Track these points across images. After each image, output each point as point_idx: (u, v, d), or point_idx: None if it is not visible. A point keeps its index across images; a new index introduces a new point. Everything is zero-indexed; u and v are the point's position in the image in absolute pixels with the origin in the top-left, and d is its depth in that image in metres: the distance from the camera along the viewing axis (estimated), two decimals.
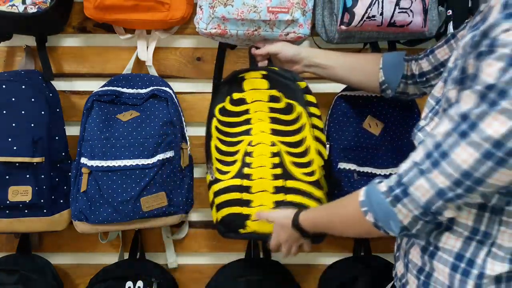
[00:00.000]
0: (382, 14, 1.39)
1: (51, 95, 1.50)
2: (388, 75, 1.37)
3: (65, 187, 1.51)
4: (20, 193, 1.42)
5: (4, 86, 1.41)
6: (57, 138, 1.49)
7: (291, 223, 1.21)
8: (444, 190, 0.89)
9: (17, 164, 1.40)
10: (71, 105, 1.61)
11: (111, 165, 1.42)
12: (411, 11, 1.41)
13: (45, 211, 1.47)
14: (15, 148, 1.40)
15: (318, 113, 1.41)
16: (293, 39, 1.43)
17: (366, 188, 1.01)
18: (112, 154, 1.43)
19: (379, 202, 0.97)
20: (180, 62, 1.62)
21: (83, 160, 1.45)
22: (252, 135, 1.40)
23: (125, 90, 1.50)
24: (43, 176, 1.44)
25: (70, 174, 1.49)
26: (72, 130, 1.55)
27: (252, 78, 1.41)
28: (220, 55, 1.56)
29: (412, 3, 1.40)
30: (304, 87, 1.39)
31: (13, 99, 1.40)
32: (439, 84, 1.03)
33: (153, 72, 1.57)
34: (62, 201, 1.50)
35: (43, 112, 1.43)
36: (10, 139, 1.40)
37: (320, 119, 1.41)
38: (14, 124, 1.40)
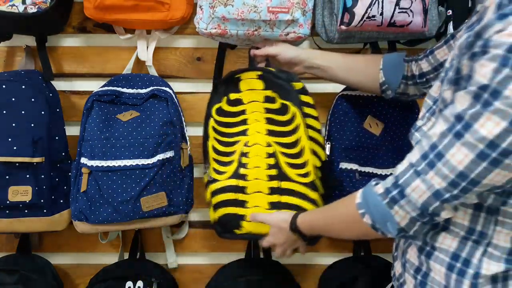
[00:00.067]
0: (382, 14, 1.39)
1: (51, 95, 1.50)
2: (388, 76, 1.37)
3: (65, 187, 1.51)
4: (20, 193, 1.42)
5: (4, 86, 1.41)
6: (57, 138, 1.49)
7: (289, 226, 1.22)
8: (440, 191, 0.89)
9: (17, 164, 1.40)
10: (71, 105, 1.61)
11: (111, 165, 1.42)
12: (411, 11, 1.41)
13: (45, 211, 1.47)
14: (15, 148, 1.40)
15: (315, 113, 1.41)
16: (293, 39, 1.43)
17: (363, 190, 1.01)
18: (112, 154, 1.43)
19: (376, 204, 0.97)
20: (180, 62, 1.62)
21: (83, 160, 1.45)
22: (248, 135, 1.40)
23: (125, 90, 1.50)
24: (43, 176, 1.44)
25: (70, 174, 1.49)
26: (72, 130, 1.55)
27: (248, 78, 1.41)
28: (220, 55, 1.56)
29: (412, 3, 1.40)
30: (301, 87, 1.39)
31: (13, 99, 1.40)
32: (437, 84, 1.04)
33: (153, 72, 1.57)
34: (62, 201, 1.50)
35: (43, 112, 1.43)
36: (10, 139, 1.39)
37: (317, 120, 1.41)
38: (14, 124, 1.40)
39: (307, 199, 1.36)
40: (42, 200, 1.45)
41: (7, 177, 1.41)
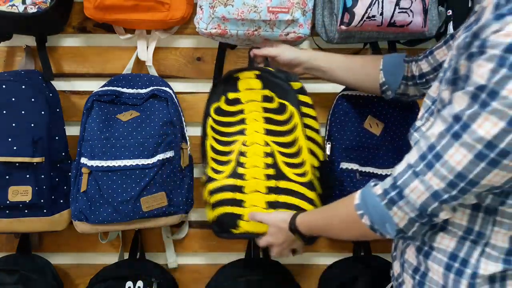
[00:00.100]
0: (382, 14, 1.39)
1: (51, 95, 1.50)
2: (389, 76, 1.37)
3: (65, 187, 1.51)
4: (20, 193, 1.42)
5: (4, 86, 1.41)
6: (57, 138, 1.49)
7: (288, 226, 1.22)
8: (439, 192, 0.89)
9: (17, 164, 1.40)
10: (71, 105, 1.61)
11: (111, 165, 1.42)
12: (411, 11, 1.41)
13: (45, 211, 1.47)
14: (15, 148, 1.40)
15: (313, 113, 1.41)
16: (293, 39, 1.43)
17: (362, 191, 1.01)
18: (112, 154, 1.42)
19: (374, 205, 0.97)
20: (180, 62, 1.62)
21: (83, 160, 1.45)
22: (246, 135, 1.40)
23: (125, 90, 1.50)
24: (43, 176, 1.44)
25: (70, 174, 1.49)
26: (72, 130, 1.55)
27: (246, 78, 1.41)
28: (220, 55, 1.56)
29: (412, 3, 1.40)
30: (299, 87, 1.39)
31: (13, 99, 1.40)
32: (435, 84, 1.04)
33: (153, 72, 1.57)
34: (62, 201, 1.50)
35: (43, 112, 1.43)
36: (10, 139, 1.39)
37: (315, 120, 1.41)
38: (14, 124, 1.40)
39: (304, 198, 1.36)
40: (42, 200, 1.45)
41: (7, 177, 1.41)
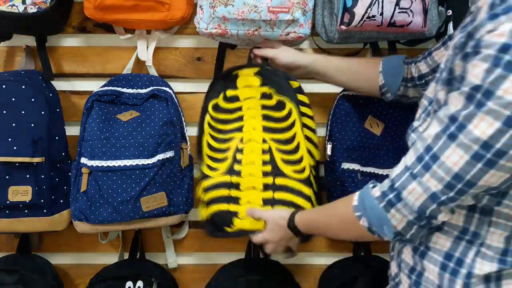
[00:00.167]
0: (382, 14, 1.39)
1: (51, 95, 1.50)
2: (388, 78, 1.37)
3: (65, 187, 1.51)
4: (20, 193, 1.42)
5: (4, 86, 1.41)
6: (57, 138, 1.49)
7: (287, 223, 1.22)
8: (436, 194, 0.89)
9: (17, 164, 1.40)
10: (71, 105, 1.61)
11: (111, 165, 1.42)
12: (411, 11, 1.41)
13: (45, 211, 1.47)
14: (15, 148, 1.40)
15: (311, 113, 1.41)
16: (293, 38, 1.43)
17: (360, 193, 1.01)
18: (112, 154, 1.42)
19: (372, 208, 0.97)
20: (180, 62, 1.62)
21: (83, 160, 1.45)
22: (243, 132, 1.40)
23: (125, 90, 1.50)
24: (43, 176, 1.44)
25: (70, 174, 1.49)
26: (72, 130, 1.55)
27: (245, 75, 1.41)
28: (220, 55, 1.56)
29: (412, 3, 1.40)
30: (297, 86, 1.40)
31: (13, 99, 1.40)
32: (432, 84, 1.04)
33: (153, 72, 1.57)
34: (62, 201, 1.50)
35: (43, 112, 1.43)
36: (10, 139, 1.39)
37: (312, 120, 1.41)
38: (14, 124, 1.40)
39: (301, 195, 1.35)
40: (42, 200, 1.45)
41: (7, 177, 1.41)
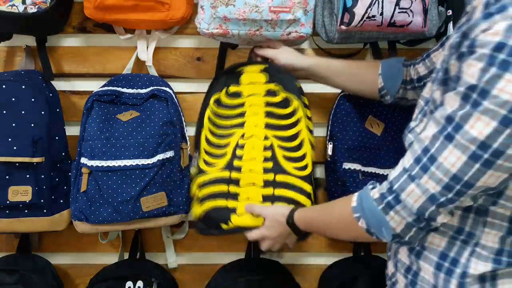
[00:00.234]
0: (382, 14, 1.39)
1: (51, 95, 1.50)
2: (387, 81, 1.37)
3: (65, 187, 1.50)
4: (20, 193, 1.42)
5: (4, 86, 1.41)
6: (57, 138, 1.49)
7: (286, 220, 1.21)
8: (435, 195, 0.89)
9: (17, 164, 1.40)
10: (71, 105, 1.61)
11: (111, 165, 1.42)
12: (411, 11, 1.41)
13: (45, 211, 1.46)
14: (15, 148, 1.39)
15: (309, 114, 1.41)
16: (295, 38, 1.43)
17: (359, 193, 1.01)
18: (112, 154, 1.42)
19: (371, 209, 0.97)
20: (180, 62, 1.62)
21: (83, 160, 1.45)
22: (245, 128, 1.39)
23: (125, 90, 1.50)
24: (43, 176, 1.44)
25: (70, 174, 1.49)
26: (72, 130, 1.55)
27: (251, 72, 1.41)
28: (221, 55, 1.56)
29: (412, 3, 1.40)
30: (298, 87, 1.40)
31: (13, 99, 1.40)
32: (428, 85, 1.04)
33: (153, 72, 1.57)
34: (62, 201, 1.50)
35: (43, 112, 1.43)
36: (10, 139, 1.39)
37: (310, 121, 1.41)
38: (14, 124, 1.40)
39: (301, 192, 1.34)
40: (42, 200, 1.45)
41: (7, 177, 1.41)
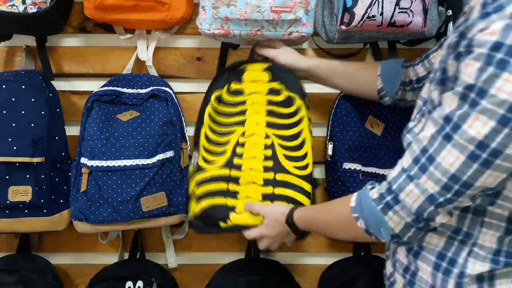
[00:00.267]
0: (382, 14, 1.39)
1: (51, 95, 1.50)
2: (386, 82, 1.37)
3: (65, 187, 1.50)
4: (20, 193, 1.42)
5: (4, 86, 1.41)
6: (57, 138, 1.49)
7: (285, 219, 1.22)
8: (434, 196, 0.89)
9: (17, 164, 1.40)
10: (71, 105, 1.61)
11: (111, 165, 1.42)
12: (411, 11, 1.41)
13: (45, 211, 1.47)
14: (15, 148, 1.39)
15: (309, 115, 1.41)
16: (296, 38, 1.43)
17: (358, 194, 1.01)
18: (112, 154, 1.42)
19: (370, 210, 0.97)
20: (180, 62, 1.62)
21: (83, 160, 1.45)
22: (245, 126, 1.39)
23: (125, 90, 1.50)
24: (43, 176, 1.44)
25: (70, 174, 1.49)
26: (72, 130, 1.55)
27: (254, 70, 1.41)
28: (222, 55, 1.55)
29: (412, 3, 1.40)
30: (301, 87, 1.40)
31: (13, 99, 1.40)
32: (426, 85, 1.04)
33: (153, 72, 1.57)
34: (62, 201, 1.50)
35: (43, 112, 1.43)
36: (10, 139, 1.39)
37: (310, 122, 1.41)
38: (14, 124, 1.40)
39: (301, 191, 1.34)
40: (42, 200, 1.45)
41: (7, 177, 1.41)
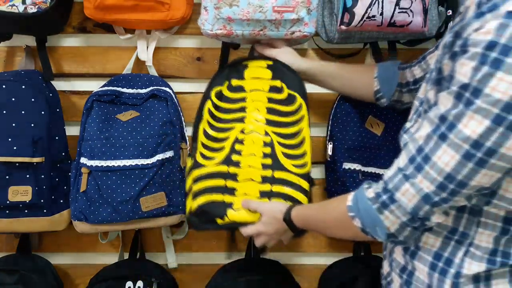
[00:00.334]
0: (382, 14, 1.39)
1: (51, 95, 1.50)
2: (383, 83, 1.37)
3: (65, 187, 1.51)
4: (20, 193, 1.42)
5: (4, 86, 1.41)
6: (57, 138, 1.49)
7: (283, 217, 1.22)
8: (429, 195, 0.89)
9: (17, 164, 1.40)
10: (71, 105, 1.61)
11: (110, 165, 1.42)
12: (411, 11, 1.41)
13: (45, 211, 1.47)
14: (15, 148, 1.40)
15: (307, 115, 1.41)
16: (298, 37, 1.43)
17: (355, 193, 1.02)
18: (112, 154, 1.42)
19: (366, 209, 0.97)
20: (180, 62, 1.62)
21: (83, 160, 1.45)
22: (245, 123, 1.39)
23: (125, 90, 1.50)
24: (43, 176, 1.44)
25: (70, 174, 1.49)
26: (72, 130, 1.55)
27: (256, 66, 1.41)
28: (224, 54, 1.55)
29: (412, 3, 1.40)
30: (302, 86, 1.40)
31: (13, 99, 1.40)
32: (423, 85, 1.04)
33: (153, 72, 1.57)
34: (62, 201, 1.50)
35: (43, 112, 1.43)
36: (10, 139, 1.39)
37: (308, 121, 1.41)
38: (14, 124, 1.40)
39: (299, 189, 1.34)
40: (42, 200, 1.45)
41: (7, 177, 1.41)
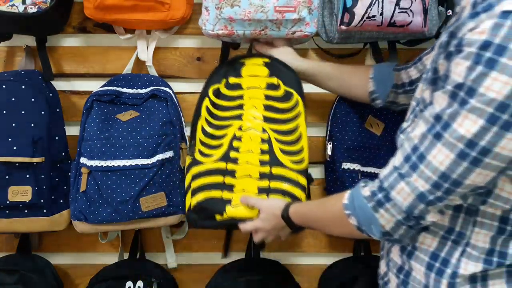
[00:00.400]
0: (382, 14, 1.39)
1: (51, 95, 1.50)
2: (378, 85, 1.38)
3: (65, 187, 1.51)
4: (20, 193, 1.42)
5: (4, 86, 1.41)
6: (57, 138, 1.49)
7: (281, 213, 1.22)
8: (424, 194, 0.90)
9: (17, 164, 1.40)
10: (71, 105, 1.61)
11: (110, 165, 1.42)
12: (411, 11, 1.41)
13: (45, 211, 1.47)
14: (15, 148, 1.40)
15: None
16: (300, 37, 1.43)
17: (351, 191, 1.02)
18: (112, 154, 1.42)
19: (361, 207, 0.98)
20: (180, 62, 1.62)
21: (83, 160, 1.45)
22: (243, 120, 1.39)
23: (125, 90, 1.50)
24: (43, 176, 1.44)
25: (70, 174, 1.49)
26: (72, 130, 1.55)
27: (253, 64, 1.42)
28: (224, 54, 1.55)
29: (412, 3, 1.40)
30: (299, 83, 1.41)
31: (13, 99, 1.40)
32: (420, 85, 1.04)
33: (153, 72, 1.57)
34: (62, 201, 1.50)
35: (43, 112, 1.43)
36: (10, 139, 1.40)
37: (305, 117, 1.41)
38: (14, 124, 1.40)
39: (297, 185, 1.35)
40: (42, 200, 1.45)
41: (7, 177, 1.41)
